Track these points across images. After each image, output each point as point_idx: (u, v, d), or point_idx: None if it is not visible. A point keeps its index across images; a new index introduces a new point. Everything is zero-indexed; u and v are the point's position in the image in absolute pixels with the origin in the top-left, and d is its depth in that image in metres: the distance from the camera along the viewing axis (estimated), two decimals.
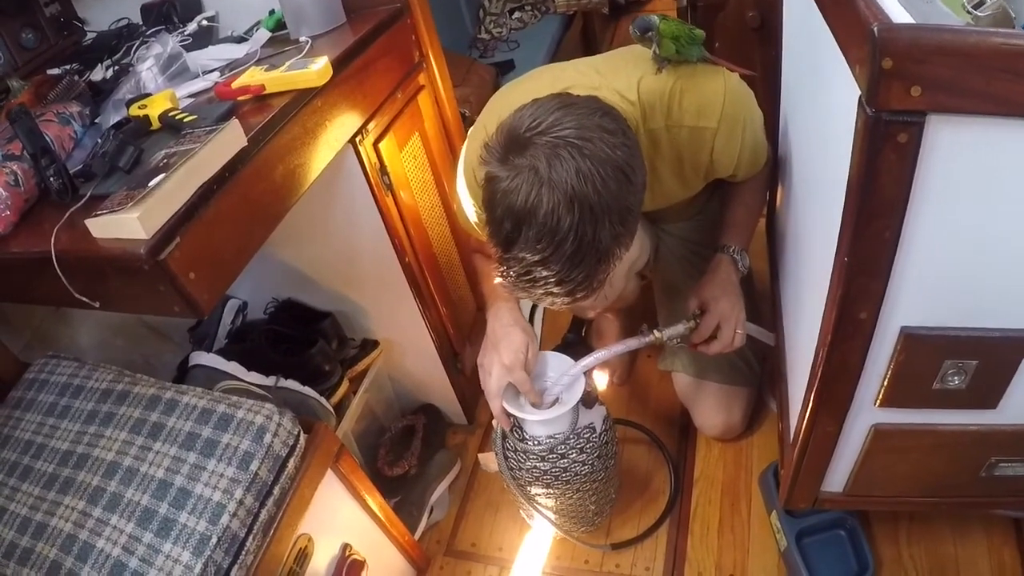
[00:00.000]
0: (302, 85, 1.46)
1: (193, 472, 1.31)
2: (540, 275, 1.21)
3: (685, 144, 1.51)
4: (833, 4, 1.03)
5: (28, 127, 1.29)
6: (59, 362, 1.65)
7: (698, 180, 1.63)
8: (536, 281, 1.23)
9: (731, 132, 1.49)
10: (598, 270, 1.23)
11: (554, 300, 1.29)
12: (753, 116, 1.53)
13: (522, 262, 1.21)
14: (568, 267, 1.19)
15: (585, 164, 1.15)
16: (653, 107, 1.47)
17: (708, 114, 1.47)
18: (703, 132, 1.48)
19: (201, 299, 1.18)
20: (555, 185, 1.14)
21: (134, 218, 1.09)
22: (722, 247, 1.74)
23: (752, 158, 1.61)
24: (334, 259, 2.02)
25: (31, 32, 1.98)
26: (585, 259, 1.19)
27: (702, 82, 1.47)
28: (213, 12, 2.02)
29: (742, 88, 1.50)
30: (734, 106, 1.47)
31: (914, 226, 0.94)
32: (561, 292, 1.25)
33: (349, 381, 2.01)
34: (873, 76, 0.81)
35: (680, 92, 1.46)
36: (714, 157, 1.53)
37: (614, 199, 1.17)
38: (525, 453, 1.68)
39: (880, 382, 1.18)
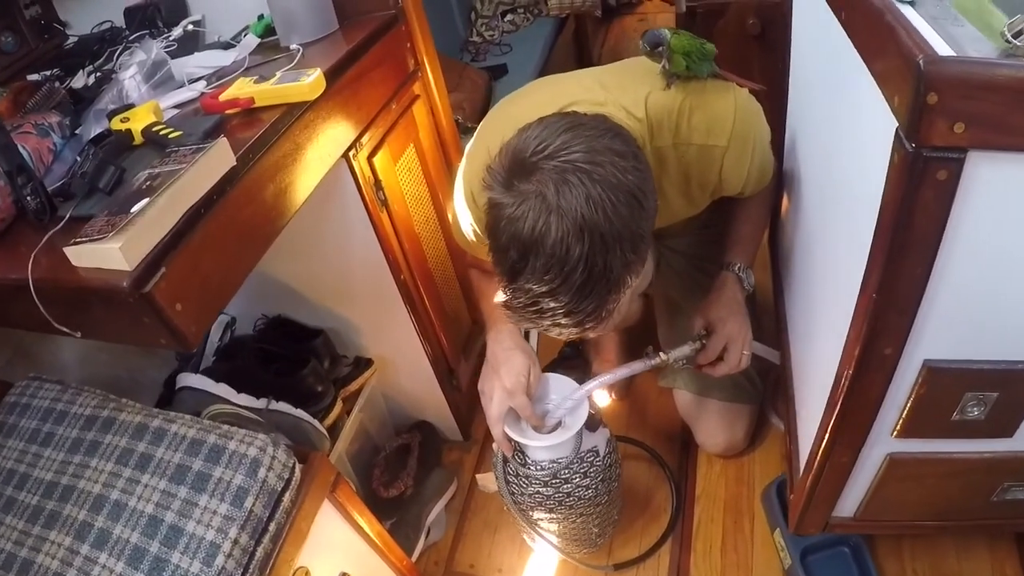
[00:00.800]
0: (294, 99, 1.40)
1: (184, 508, 1.25)
2: (548, 306, 1.16)
3: (693, 162, 1.47)
4: (866, 28, 0.98)
5: (3, 143, 1.23)
6: (41, 384, 1.59)
7: (704, 198, 1.59)
8: (543, 312, 1.17)
9: (741, 151, 1.45)
10: (608, 300, 1.17)
11: (561, 331, 1.23)
12: (762, 133, 1.49)
13: (529, 293, 1.15)
14: (577, 298, 1.14)
15: (595, 190, 1.09)
16: (661, 124, 1.42)
17: (718, 132, 1.42)
18: (712, 150, 1.44)
19: (188, 331, 1.12)
20: (564, 213, 1.08)
21: (115, 248, 1.02)
22: (727, 264, 1.71)
23: (760, 175, 1.57)
24: (326, 275, 1.98)
25: (10, 35, 1.92)
26: (595, 289, 1.13)
27: (712, 99, 1.42)
28: (199, 16, 1.98)
29: (752, 105, 1.45)
30: (744, 124, 1.43)
31: (945, 261, 0.90)
32: (569, 323, 1.19)
33: (343, 401, 1.97)
34: (915, 111, 0.77)
35: (689, 109, 1.41)
36: (723, 176, 1.49)
37: (625, 226, 1.11)
38: (528, 478, 1.64)
39: (899, 413, 1.15)
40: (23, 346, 1.83)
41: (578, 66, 3.94)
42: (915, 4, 0.92)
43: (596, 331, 1.26)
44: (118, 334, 1.24)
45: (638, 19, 4.97)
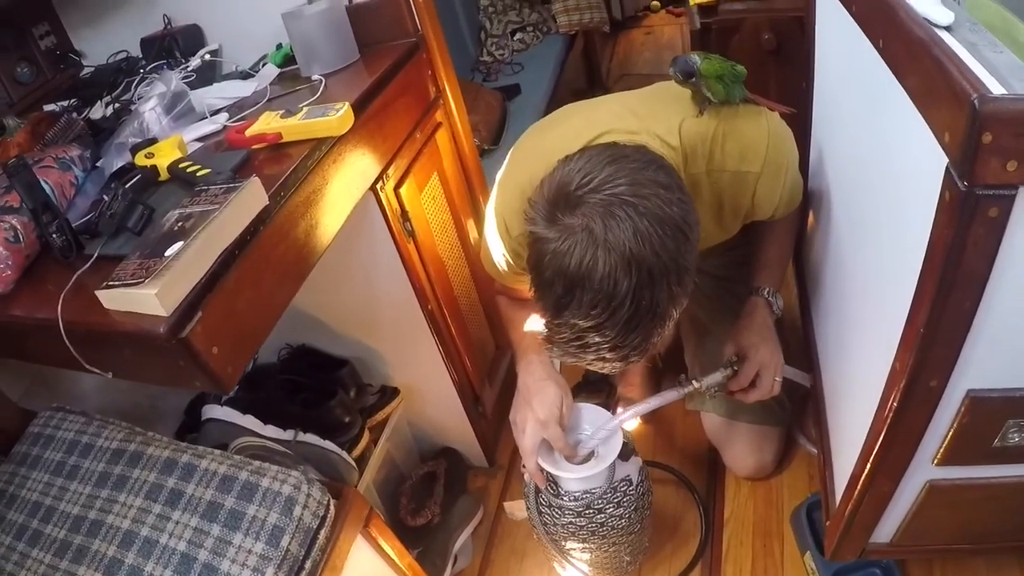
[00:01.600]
0: (322, 134, 1.39)
1: (218, 546, 1.24)
2: (593, 341, 1.15)
3: (726, 188, 1.47)
4: (910, 60, 0.97)
5: (27, 181, 1.23)
6: (65, 416, 1.58)
7: (736, 223, 1.59)
8: (588, 347, 1.17)
9: (774, 176, 1.45)
10: (654, 333, 1.17)
11: (604, 365, 1.22)
12: (793, 158, 1.49)
13: (574, 328, 1.14)
14: (624, 332, 1.13)
15: (642, 223, 1.08)
16: (695, 152, 1.42)
17: (751, 159, 1.42)
18: (746, 176, 1.44)
19: (224, 373, 1.11)
20: (611, 247, 1.08)
21: (151, 294, 1.01)
22: (756, 289, 1.71)
23: (790, 199, 1.57)
24: (352, 305, 1.98)
25: (26, 66, 1.93)
26: (642, 323, 1.13)
27: (745, 125, 1.42)
28: (216, 45, 1.98)
29: (784, 130, 1.46)
30: (777, 150, 1.43)
31: (992, 295, 0.89)
32: (614, 358, 1.19)
33: (369, 431, 1.96)
34: (969, 150, 0.76)
35: (723, 136, 1.41)
36: (755, 201, 1.49)
37: (672, 259, 1.10)
38: (560, 509, 1.63)
39: (940, 442, 1.13)
40: (42, 374, 1.82)
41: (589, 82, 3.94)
42: (952, 30, 0.91)
43: (638, 363, 1.25)
44: (152, 376, 1.24)
45: (644, 32, 4.99)
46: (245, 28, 1.94)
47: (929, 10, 0.93)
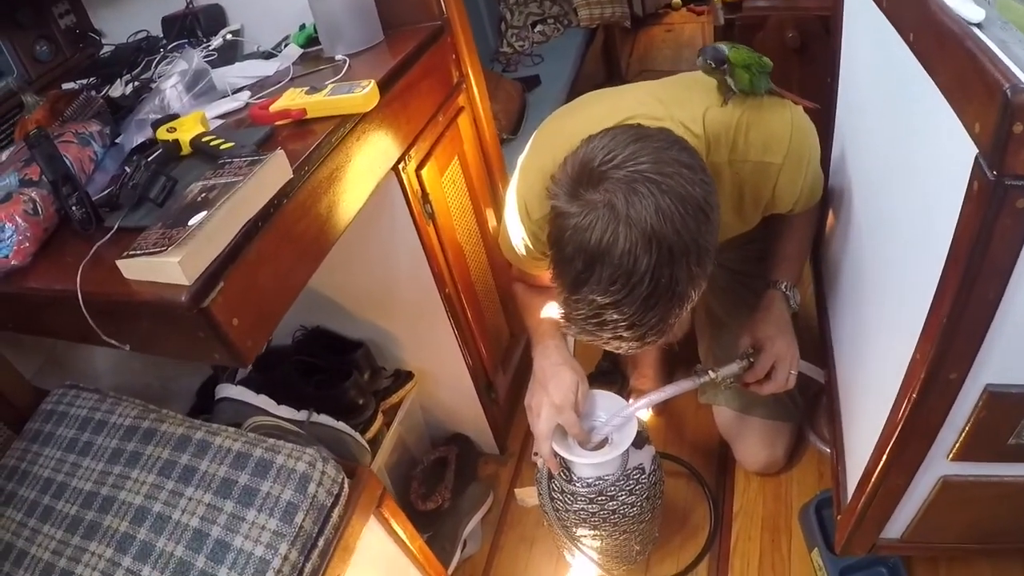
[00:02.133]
0: (347, 110, 1.39)
1: (231, 523, 1.24)
2: (610, 318, 1.15)
3: (747, 179, 1.47)
4: (941, 54, 0.97)
5: (48, 153, 1.22)
6: (78, 393, 1.59)
7: (756, 215, 1.59)
8: (605, 324, 1.16)
9: (796, 168, 1.45)
10: (671, 314, 1.16)
11: (620, 344, 1.22)
12: (816, 152, 1.49)
13: (592, 304, 1.14)
14: (642, 310, 1.13)
15: (664, 201, 1.08)
16: (719, 140, 1.42)
17: (774, 149, 1.43)
18: (768, 167, 1.45)
19: (244, 346, 1.11)
20: (633, 223, 1.08)
21: (175, 262, 1.01)
22: (773, 283, 1.71)
23: (811, 193, 1.57)
24: (369, 287, 1.98)
25: (46, 44, 1.93)
26: (660, 302, 1.13)
27: (769, 116, 1.42)
28: (238, 25, 1.97)
29: (807, 123, 1.46)
30: (800, 143, 1.44)
31: (1017, 287, 0.89)
32: (631, 336, 1.18)
33: (382, 414, 1.96)
34: (1000, 140, 0.76)
35: (747, 126, 1.42)
36: (776, 193, 1.49)
37: (693, 239, 1.11)
38: (573, 495, 1.63)
39: (956, 437, 1.13)
40: (55, 353, 1.83)
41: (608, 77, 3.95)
42: (982, 27, 0.91)
43: (655, 344, 1.25)
44: (170, 349, 1.23)
45: (665, 29, 4.99)
46: (268, 8, 1.94)
47: (960, 6, 0.93)
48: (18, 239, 1.19)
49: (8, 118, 1.78)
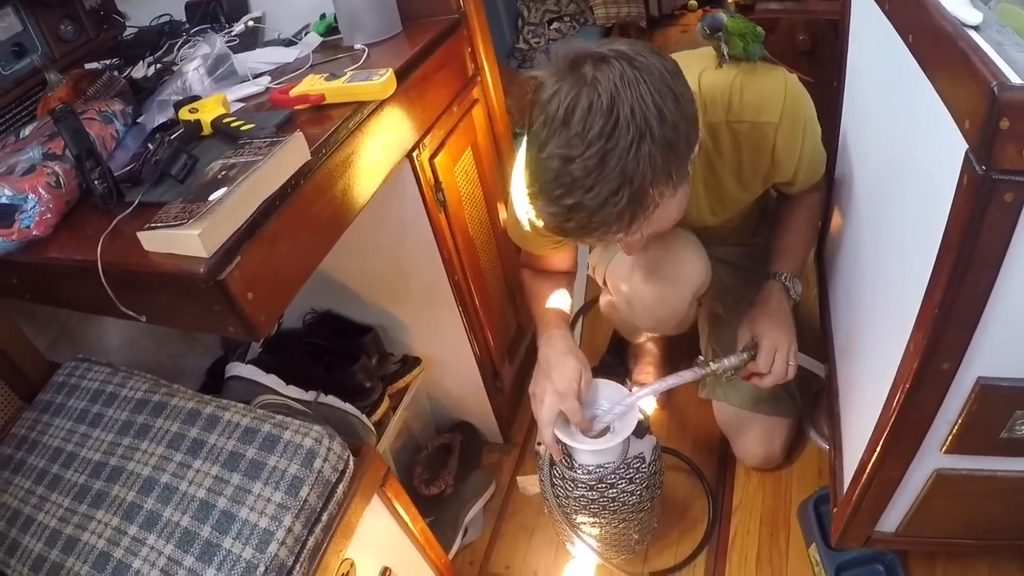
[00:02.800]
0: (365, 97, 1.42)
1: (237, 494, 1.27)
2: (567, 179, 1.15)
3: (745, 141, 1.50)
4: (936, 53, 0.99)
5: (74, 127, 1.25)
6: (91, 366, 1.61)
7: (757, 182, 1.61)
8: (563, 186, 1.16)
9: (792, 129, 1.48)
10: (628, 192, 1.15)
11: (583, 227, 1.21)
12: (812, 116, 1.53)
13: (550, 166, 1.16)
14: (598, 173, 1.13)
15: (632, 71, 1.12)
16: (714, 100, 1.47)
17: (770, 109, 1.46)
18: (764, 127, 1.48)
19: (258, 320, 1.14)
20: (598, 84, 1.11)
21: (195, 235, 1.04)
22: (773, 274, 1.72)
23: (811, 165, 1.60)
24: (379, 273, 2.00)
25: (70, 24, 1.95)
26: (616, 168, 1.13)
27: (762, 78, 1.47)
28: (260, 13, 2.00)
29: (801, 88, 1.49)
30: (795, 103, 1.47)
31: (1006, 279, 0.92)
32: (590, 209, 1.17)
33: (389, 398, 1.99)
34: (987, 136, 0.79)
35: (741, 86, 1.46)
36: (775, 156, 1.52)
37: (658, 115, 1.12)
38: (573, 482, 1.65)
39: (949, 429, 1.15)
40: (68, 327, 1.85)
41: None
42: (980, 29, 0.94)
43: (617, 239, 1.27)
44: (185, 320, 1.26)
45: (680, 30, 4.98)
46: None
47: (959, 10, 0.96)
48: (40, 210, 1.23)
49: (32, 95, 1.80)
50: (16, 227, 1.21)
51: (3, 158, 1.37)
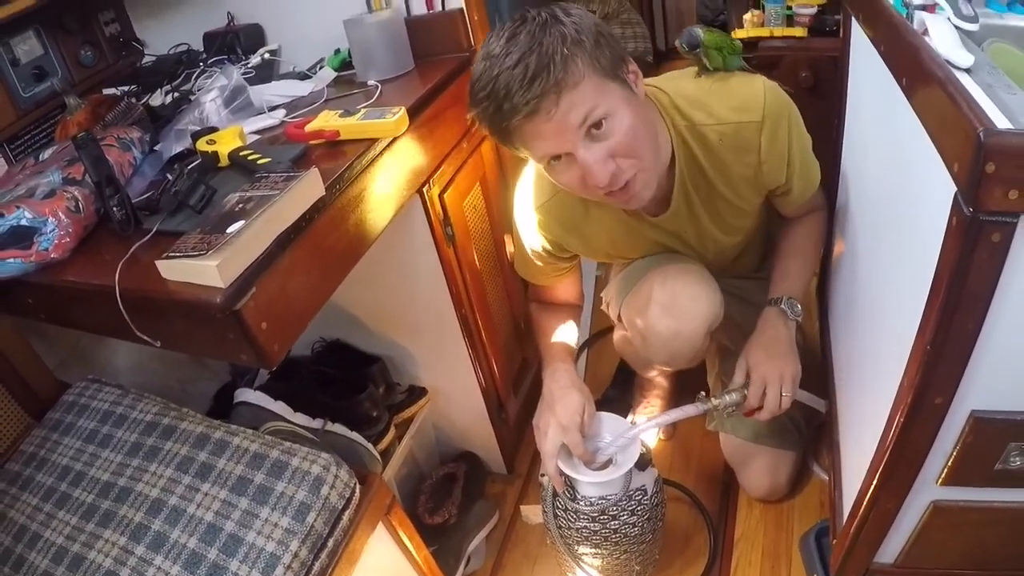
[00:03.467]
0: (378, 135, 1.45)
1: (245, 519, 1.29)
2: (488, 65, 1.29)
3: (731, 142, 1.53)
4: (928, 97, 1.02)
5: (95, 155, 1.28)
6: (101, 387, 1.63)
7: (750, 189, 1.62)
8: (487, 74, 1.29)
9: (776, 126, 1.50)
10: (538, 53, 1.25)
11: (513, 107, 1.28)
12: (797, 119, 1.55)
13: (477, 70, 1.32)
14: (511, 44, 1.27)
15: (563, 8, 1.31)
16: (695, 105, 1.52)
17: (751, 108, 1.49)
18: (748, 127, 1.50)
19: (271, 350, 1.16)
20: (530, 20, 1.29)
21: (212, 266, 1.07)
22: (771, 300, 1.73)
23: (803, 169, 1.62)
24: (388, 304, 2.02)
25: (90, 50, 1.99)
26: (525, 41, 1.26)
27: (740, 82, 1.53)
28: (276, 45, 2.04)
29: (781, 92, 1.53)
30: (775, 102, 1.50)
31: (996, 316, 0.93)
32: (508, 79, 1.27)
33: (395, 427, 2.00)
34: (974, 179, 0.81)
35: (719, 91, 1.52)
36: (762, 158, 1.54)
37: (564, 14, 1.30)
38: (576, 513, 1.66)
39: (945, 461, 1.16)
40: (78, 347, 1.87)
41: None
42: (971, 72, 0.96)
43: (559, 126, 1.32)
44: (199, 347, 1.29)
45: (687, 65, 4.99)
46: (305, 31, 2.02)
47: (951, 53, 0.99)
48: (59, 234, 1.26)
49: (50, 117, 1.85)
50: (35, 249, 1.24)
51: (23, 180, 1.40)
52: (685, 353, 1.74)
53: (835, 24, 2.27)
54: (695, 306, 1.67)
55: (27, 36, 1.83)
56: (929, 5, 1.13)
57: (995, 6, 1.34)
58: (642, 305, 1.71)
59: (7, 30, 1.76)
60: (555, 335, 1.79)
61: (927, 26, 1.08)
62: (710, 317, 1.68)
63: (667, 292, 1.67)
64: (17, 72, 1.80)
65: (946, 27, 1.06)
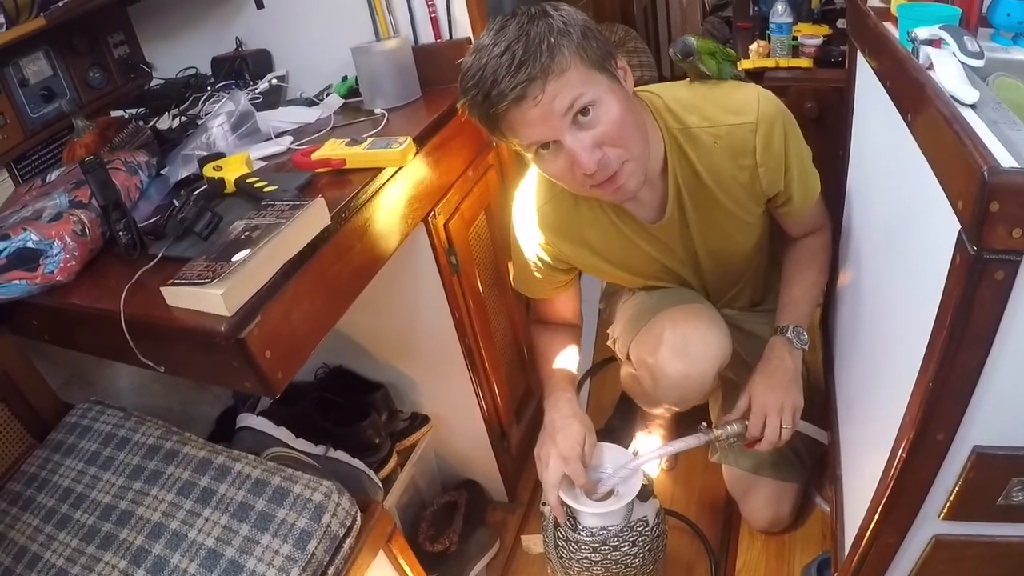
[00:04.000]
0: (384, 164, 1.47)
1: (245, 545, 1.28)
2: (479, 56, 1.32)
3: (725, 144, 1.54)
4: (933, 134, 1.02)
5: (102, 179, 1.30)
6: (103, 409, 1.62)
7: (748, 198, 1.62)
8: (478, 64, 1.32)
9: (770, 130, 1.51)
10: (525, 42, 1.29)
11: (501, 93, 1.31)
12: (793, 125, 1.57)
13: (467, 63, 1.35)
14: (500, 36, 1.30)
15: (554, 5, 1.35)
16: (688, 109, 1.53)
17: (745, 111, 1.51)
18: (742, 129, 1.51)
19: (275, 378, 1.17)
20: None
21: (218, 294, 1.08)
22: (777, 329, 1.73)
23: (802, 176, 1.62)
24: (392, 332, 2.03)
25: (99, 71, 2.00)
26: (514, 32, 1.30)
27: (735, 88, 1.56)
28: (284, 71, 2.05)
29: (775, 99, 1.54)
30: (770, 106, 1.52)
31: (999, 354, 0.93)
32: (496, 66, 1.29)
33: (397, 454, 2.00)
34: (978, 217, 0.81)
35: (714, 96, 1.54)
36: (758, 160, 1.54)
37: (553, 8, 1.33)
38: (577, 544, 1.65)
39: (946, 497, 1.15)
40: (81, 368, 1.86)
41: None
42: (976, 108, 0.97)
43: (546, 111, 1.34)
44: (202, 373, 1.29)
45: None
46: (313, 58, 2.03)
47: (956, 89, 0.99)
48: (65, 257, 1.27)
49: (58, 138, 1.86)
50: (40, 271, 1.25)
51: (30, 202, 1.41)
52: (695, 395, 1.75)
53: (840, 55, 2.28)
54: (706, 349, 1.67)
55: (36, 57, 1.84)
56: (935, 40, 1.13)
57: (1001, 40, 1.35)
58: (652, 346, 1.71)
59: (17, 51, 1.77)
60: (557, 361, 1.79)
61: (932, 61, 1.09)
62: (720, 359, 1.69)
63: (678, 335, 1.67)
64: (26, 92, 1.81)
65: (951, 62, 1.06)
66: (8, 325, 1.42)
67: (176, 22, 2.14)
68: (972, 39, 1.11)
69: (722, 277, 1.84)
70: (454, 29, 1.87)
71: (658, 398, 1.83)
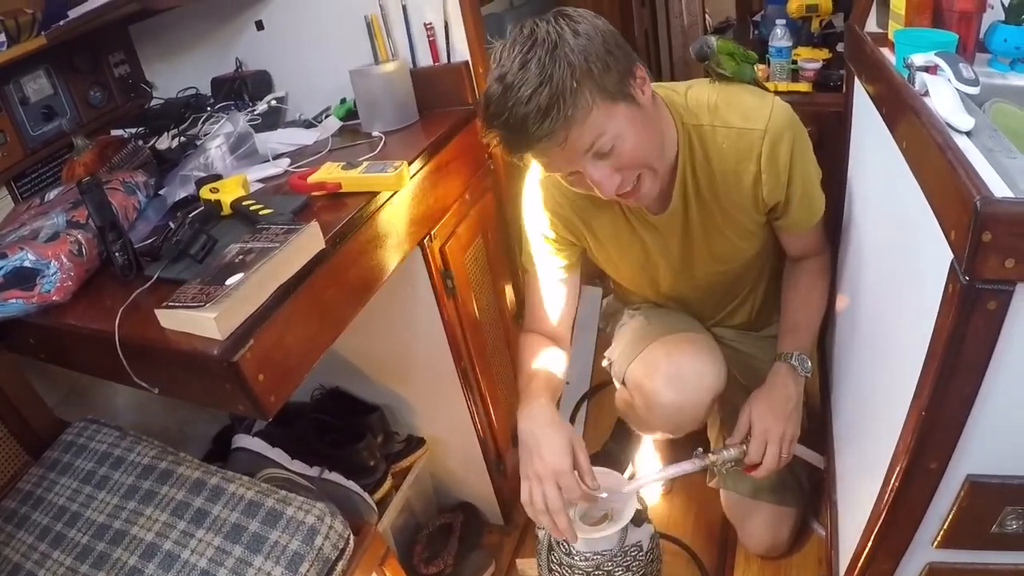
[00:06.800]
0: (380, 188, 1.47)
1: (238, 567, 1.28)
2: (501, 92, 1.31)
3: (733, 146, 1.54)
4: (927, 163, 1.03)
5: (99, 200, 1.30)
6: (99, 428, 1.63)
7: (750, 203, 1.62)
8: (499, 100, 1.32)
9: (776, 141, 1.51)
10: (550, 88, 1.28)
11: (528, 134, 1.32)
12: (804, 137, 1.57)
13: (491, 92, 1.33)
14: (521, 76, 1.29)
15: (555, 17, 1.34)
16: (701, 106, 1.54)
17: (755, 117, 1.51)
18: (750, 134, 1.52)
19: (267, 401, 1.17)
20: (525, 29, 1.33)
21: (211, 318, 1.08)
22: (780, 355, 1.72)
23: (806, 194, 1.62)
24: (387, 354, 2.03)
25: (99, 90, 2.01)
26: (535, 71, 1.28)
27: (753, 95, 1.55)
28: (283, 93, 2.06)
29: (790, 109, 1.54)
30: (781, 115, 1.52)
31: (992, 383, 0.93)
32: (523, 112, 1.30)
33: (392, 477, 2.00)
34: (971, 247, 0.81)
35: (728, 97, 1.54)
36: (762, 167, 1.54)
37: (572, 32, 1.31)
38: (571, 568, 1.65)
39: (940, 524, 1.15)
40: (78, 386, 1.87)
41: None
42: (972, 135, 0.97)
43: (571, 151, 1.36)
44: (196, 395, 1.28)
45: None
46: (312, 80, 2.04)
47: (951, 116, 1.00)
48: (61, 277, 1.27)
49: (58, 156, 1.87)
50: (37, 291, 1.26)
51: (27, 221, 1.42)
52: (689, 424, 1.76)
53: (839, 79, 2.28)
54: (700, 381, 1.68)
55: (37, 75, 1.85)
56: (930, 66, 1.14)
57: (998, 66, 1.35)
58: (647, 375, 1.72)
59: (18, 69, 1.78)
60: (533, 366, 1.74)
61: (928, 88, 1.09)
62: (714, 389, 1.70)
63: (672, 365, 1.69)
64: (26, 111, 1.83)
65: (947, 89, 1.06)
66: (5, 343, 1.42)
67: (177, 42, 2.15)
68: (968, 66, 1.11)
69: (718, 288, 1.84)
70: (452, 53, 1.88)
71: (652, 426, 1.84)
